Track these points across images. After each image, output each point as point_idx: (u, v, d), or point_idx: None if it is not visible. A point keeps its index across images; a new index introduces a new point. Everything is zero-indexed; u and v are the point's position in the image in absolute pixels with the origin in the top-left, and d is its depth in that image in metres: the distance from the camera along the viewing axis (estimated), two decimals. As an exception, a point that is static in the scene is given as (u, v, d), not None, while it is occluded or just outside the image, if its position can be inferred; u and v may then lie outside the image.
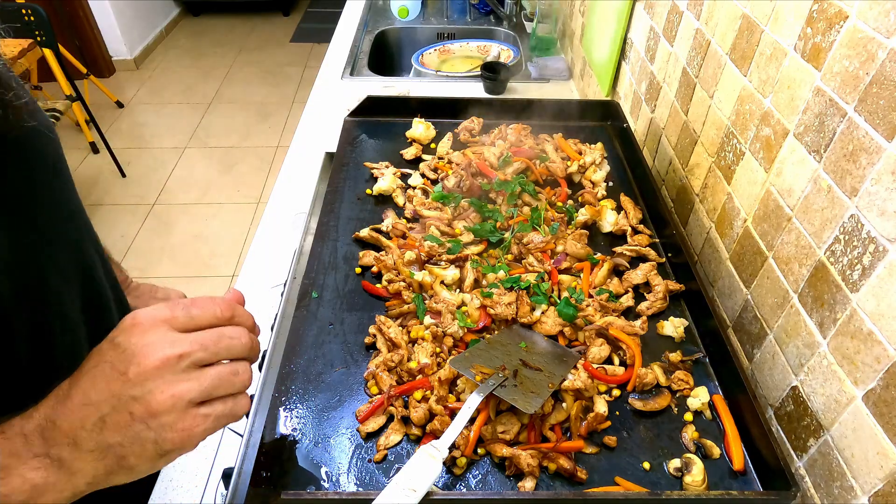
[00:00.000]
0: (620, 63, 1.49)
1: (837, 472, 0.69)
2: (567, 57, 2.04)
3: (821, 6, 0.72)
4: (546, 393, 0.75)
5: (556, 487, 0.71)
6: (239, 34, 5.47)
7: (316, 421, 0.76)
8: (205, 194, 3.58)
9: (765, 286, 0.84)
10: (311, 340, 0.85)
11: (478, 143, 1.23)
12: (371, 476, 0.71)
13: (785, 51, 0.80)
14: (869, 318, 0.64)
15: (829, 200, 0.71)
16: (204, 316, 0.54)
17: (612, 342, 0.85)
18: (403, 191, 1.12)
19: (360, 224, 1.04)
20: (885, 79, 0.62)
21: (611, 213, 1.06)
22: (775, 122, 0.82)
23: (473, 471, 0.72)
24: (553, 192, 1.11)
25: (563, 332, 0.87)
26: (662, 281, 0.93)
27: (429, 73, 2.05)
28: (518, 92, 1.89)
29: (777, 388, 0.81)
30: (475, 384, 0.74)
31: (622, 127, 1.25)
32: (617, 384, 0.80)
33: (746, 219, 0.90)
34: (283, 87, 4.69)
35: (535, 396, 0.74)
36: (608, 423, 0.76)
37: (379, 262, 0.95)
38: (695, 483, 0.70)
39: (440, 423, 0.73)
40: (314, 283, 0.93)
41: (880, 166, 0.62)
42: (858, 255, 0.66)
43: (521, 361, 0.79)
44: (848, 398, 0.67)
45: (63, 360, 0.70)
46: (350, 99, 1.47)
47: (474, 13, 2.50)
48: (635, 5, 1.37)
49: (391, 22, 2.41)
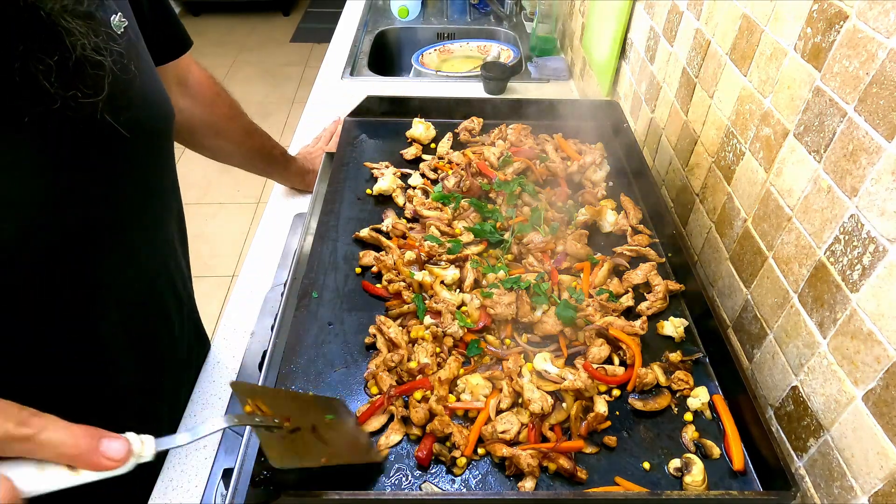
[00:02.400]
0: (620, 63, 1.49)
1: (837, 472, 0.69)
2: (567, 57, 2.04)
3: (821, 6, 0.72)
4: (312, 461, 0.64)
5: (556, 487, 0.71)
6: (239, 34, 5.47)
7: (316, 421, 0.76)
8: (205, 194, 3.58)
9: (765, 286, 0.84)
10: (311, 340, 0.85)
11: (478, 143, 1.23)
12: (371, 476, 0.71)
13: (785, 51, 0.80)
14: (869, 318, 0.64)
15: (829, 200, 0.71)
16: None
17: (612, 342, 0.85)
18: (403, 191, 1.12)
19: (360, 224, 1.04)
20: (885, 79, 0.62)
21: (611, 213, 1.06)
22: (775, 122, 0.82)
23: (473, 471, 0.72)
24: (553, 192, 1.11)
25: (563, 333, 0.87)
26: (662, 281, 0.93)
27: (429, 73, 2.05)
28: (518, 92, 1.89)
29: (777, 388, 0.81)
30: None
31: (622, 127, 1.25)
32: (617, 384, 0.80)
33: (746, 219, 0.90)
34: (283, 87, 4.69)
35: (296, 456, 0.63)
36: (608, 423, 0.76)
37: (379, 262, 0.95)
38: (695, 483, 0.70)
39: (440, 424, 0.73)
40: (314, 283, 0.93)
41: (880, 166, 0.62)
42: (858, 255, 0.66)
43: (313, 427, 0.68)
44: (848, 398, 0.67)
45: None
46: (350, 99, 1.47)
47: (474, 13, 2.50)
48: (635, 5, 1.37)
49: (391, 22, 2.41)
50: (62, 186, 0.70)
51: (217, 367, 1.07)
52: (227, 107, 1.22)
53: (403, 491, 0.69)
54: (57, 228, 0.71)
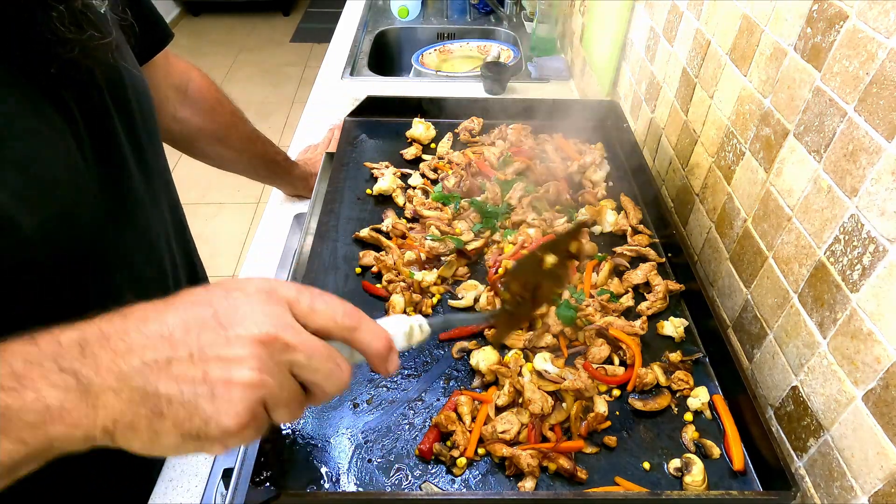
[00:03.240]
0: (620, 63, 1.49)
1: (837, 472, 0.69)
2: (567, 57, 2.04)
3: (821, 6, 0.72)
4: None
5: (556, 487, 0.71)
6: (239, 34, 5.47)
7: (316, 421, 0.76)
8: (205, 194, 3.58)
9: (765, 286, 0.84)
10: (311, 340, 0.85)
11: (478, 143, 1.23)
12: (371, 476, 0.71)
13: (785, 51, 0.80)
14: (869, 318, 0.64)
15: (829, 200, 0.71)
16: (324, 313, 0.48)
17: (612, 342, 0.85)
18: (403, 191, 1.12)
19: (360, 224, 1.04)
20: (885, 79, 0.62)
21: (611, 213, 1.06)
22: (775, 122, 0.82)
23: (473, 471, 0.72)
24: (553, 184, 1.11)
25: (563, 332, 0.87)
26: (662, 281, 0.93)
27: (429, 73, 2.05)
28: (518, 92, 1.89)
29: (777, 388, 0.81)
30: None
31: (622, 127, 1.25)
32: (617, 384, 0.80)
33: (746, 219, 0.90)
34: (283, 87, 4.69)
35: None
36: (608, 423, 0.76)
37: (379, 262, 0.95)
38: (695, 483, 0.70)
39: (446, 420, 0.73)
40: (314, 283, 0.93)
41: (880, 166, 0.62)
42: (858, 255, 0.66)
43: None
44: (848, 398, 0.67)
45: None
46: (350, 99, 1.47)
47: (474, 13, 2.50)
48: (635, 5, 1.37)
49: (391, 22, 2.41)
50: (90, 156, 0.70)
51: (217, 367, 1.07)
52: (228, 114, 1.22)
53: (403, 491, 0.69)
54: (91, 205, 0.70)
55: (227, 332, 0.44)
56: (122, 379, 0.42)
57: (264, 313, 0.45)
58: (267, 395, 0.44)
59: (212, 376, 0.42)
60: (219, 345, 0.43)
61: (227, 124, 1.21)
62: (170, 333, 0.43)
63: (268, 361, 0.44)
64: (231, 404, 0.43)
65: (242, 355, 0.43)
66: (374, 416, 0.77)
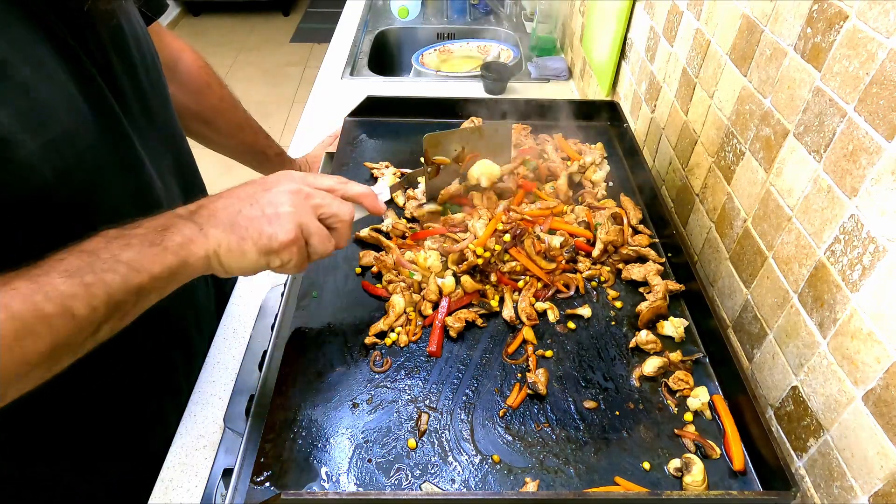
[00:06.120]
0: (620, 63, 1.49)
1: (837, 472, 0.69)
2: (567, 57, 2.04)
3: (821, 6, 0.72)
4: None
5: (557, 487, 0.71)
6: (239, 34, 5.47)
7: (316, 421, 0.76)
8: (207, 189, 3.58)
9: (765, 286, 0.84)
10: (311, 340, 0.85)
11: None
12: (371, 476, 0.71)
13: (785, 51, 0.80)
14: (869, 318, 0.64)
15: (829, 200, 0.71)
16: (326, 179, 0.76)
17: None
18: (403, 191, 1.12)
19: (360, 224, 1.04)
20: (885, 79, 0.62)
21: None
22: (775, 122, 0.82)
23: (473, 471, 0.72)
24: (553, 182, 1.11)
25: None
26: (662, 281, 0.93)
27: (429, 73, 2.05)
28: (518, 92, 1.89)
29: (777, 388, 0.81)
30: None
31: (622, 127, 1.25)
32: None
33: (746, 219, 0.90)
34: (283, 87, 4.69)
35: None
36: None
37: (379, 262, 0.95)
38: (695, 483, 0.70)
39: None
40: (314, 283, 0.93)
41: (880, 166, 0.62)
42: (858, 255, 0.66)
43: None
44: (848, 398, 0.67)
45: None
46: (350, 99, 1.47)
47: (474, 13, 2.50)
48: (635, 5, 1.37)
49: (391, 22, 2.41)
50: (92, 91, 0.74)
51: (217, 367, 1.07)
52: (217, 98, 1.22)
53: (403, 491, 0.69)
54: (89, 134, 0.73)
55: (269, 190, 0.71)
56: (219, 222, 0.68)
57: (290, 179, 0.73)
58: (302, 222, 0.70)
59: (267, 212, 0.69)
60: (268, 196, 0.70)
61: (214, 108, 1.22)
62: (237, 198, 0.70)
63: (299, 203, 0.70)
64: (282, 225, 0.68)
65: (283, 200, 0.70)
66: (374, 416, 0.77)
